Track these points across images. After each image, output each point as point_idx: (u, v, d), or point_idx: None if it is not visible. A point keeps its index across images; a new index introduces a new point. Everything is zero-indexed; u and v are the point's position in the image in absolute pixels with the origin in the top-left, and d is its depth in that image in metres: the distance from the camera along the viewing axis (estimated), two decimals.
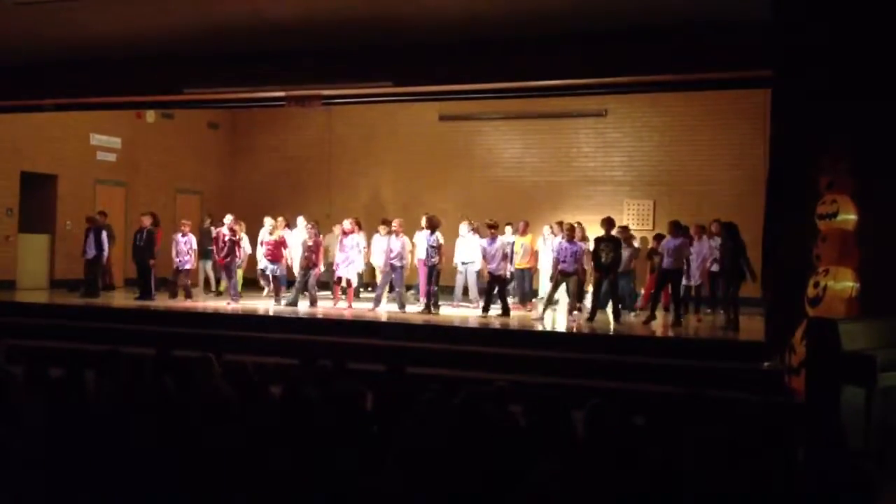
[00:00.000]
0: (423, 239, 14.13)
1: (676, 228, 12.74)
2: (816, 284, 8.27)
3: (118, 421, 5.25)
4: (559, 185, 17.67)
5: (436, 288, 13.57)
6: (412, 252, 14.85)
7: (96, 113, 16.69)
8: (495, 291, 13.41)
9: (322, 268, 14.70)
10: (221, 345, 9.21)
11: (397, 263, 13.63)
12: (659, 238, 14.02)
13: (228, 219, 14.58)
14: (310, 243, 14.21)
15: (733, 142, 16.34)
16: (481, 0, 10.90)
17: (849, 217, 8.32)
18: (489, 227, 13.73)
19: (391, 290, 14.10)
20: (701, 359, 10.14)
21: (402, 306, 13.58)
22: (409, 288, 15.80)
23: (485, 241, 13.69)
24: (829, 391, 7.04)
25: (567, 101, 16.09)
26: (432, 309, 13.41)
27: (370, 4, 11.22)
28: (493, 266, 13.30)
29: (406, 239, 14.05)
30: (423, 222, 14.22)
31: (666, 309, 13.69)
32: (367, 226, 15.59)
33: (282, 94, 13.25)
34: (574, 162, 17.85)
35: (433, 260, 13.55)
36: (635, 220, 16.95)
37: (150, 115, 18.35)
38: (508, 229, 14.98)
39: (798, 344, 7.90)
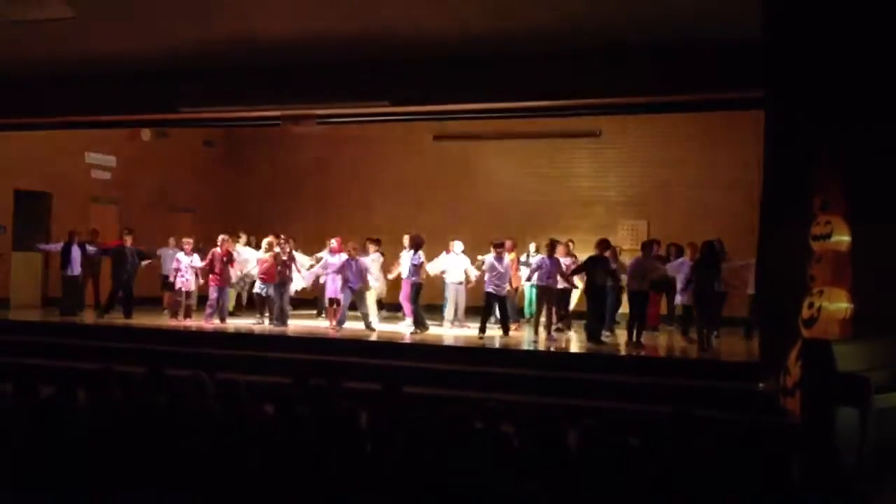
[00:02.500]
0: (406, 258, 14.04)
1: (644, 248, 12.66)
2: (811, 305, 8.27)
3: (110, 440, 5.21)
4: (553, 205, 17.66)
5: (414, 306, 13.42)
6: (391, 271, 14.85)
7: (91, 131, 16.65)
8: (494, 311, 13.26)
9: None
10: (214, 363, 9.19)
11: (353, 285, 13.46)
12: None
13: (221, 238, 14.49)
14: (284, 258, 14.00)
15: (727, 162, 16.36)
16: (476, 20, 10.97)
17: (843, 238, 8.34)
18: (495, 245, 13.39)
19: (353, 308, 13.81)
20: (695, 379, 10.14)
21: (367, 326, 13.47)
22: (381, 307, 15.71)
23: (489, 258, 13.39)
24: (824, 412, 7.04)
25: (561, 122, 16.12)
26: (420, 328, 13.29)
27: (365, 25, 11.29)
28: (498, 285, 13.08)
29: (364, 260, 13.85)
30: (406, 241, 14.16)
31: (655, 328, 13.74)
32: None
33: (277, 113, 13.28)
34: (568, 182, 17.87)
35: (414, 278, 13.45)
36: (630, 240, 16.95)
37: (146, 134, 18.34)
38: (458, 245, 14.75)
39: (793, 365, 7.89)
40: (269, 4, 11.37)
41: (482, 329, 12.97)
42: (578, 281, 13.75)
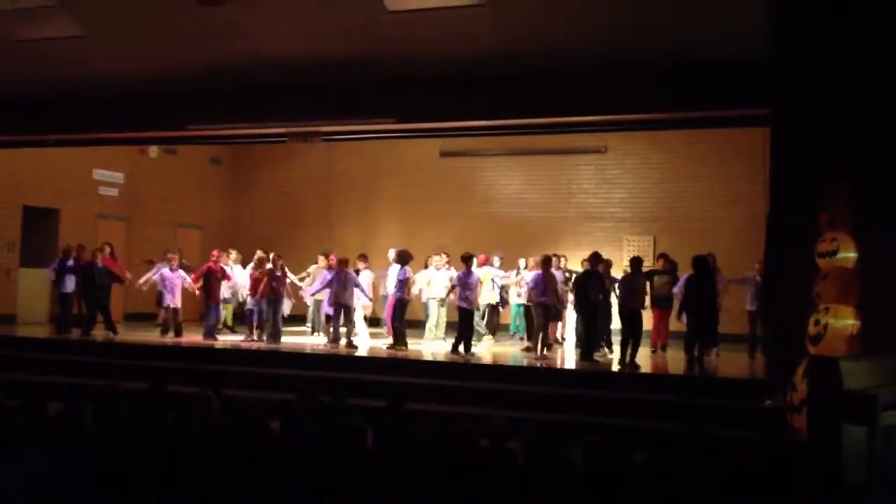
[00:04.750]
0: (392, 273, 13.88)
1: (632, 264, 12.36)
2: (817, 322, 8.24)
3: (118, 456, 5.22)
4: (559, 221, 17.70)
5: (397, 323, 13.22)
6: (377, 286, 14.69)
7: (99, 148, 16.76)
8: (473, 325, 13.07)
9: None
10: (218, 380, 9.18)
11: (342, 300, 13.31)
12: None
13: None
14: (277, 273, 13.86)
15: (733, 178, 16.39)
16: (482, 38, 11.03)
17: (849, 255, 8.31)
18: (464, 259, 13.12)
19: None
20: (701, 396, 10.10)
21: (348, 343, 13.20)
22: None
23: (459, 273, 13.14)
24: (831, 430, 7.00)
25: (567, 138, 16.18)
26: (399, 345, 13.08)
27: (370, 43, 11.35)
28: (468, 299, 12.83)
29: (352, 274, 13.64)
30: (392, 256, 14.03)
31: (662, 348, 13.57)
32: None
33: (283, 130, 13.33)
34: (574, 198, 17.91)
35: (399, 294, 13.29)
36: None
37: (153, 151, 18.43)
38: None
39: (799, 382, 7.85)
40: (276, 24, 11.46)
41: (458, 346, 12.56)
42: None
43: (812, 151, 8.95)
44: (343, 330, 13.41)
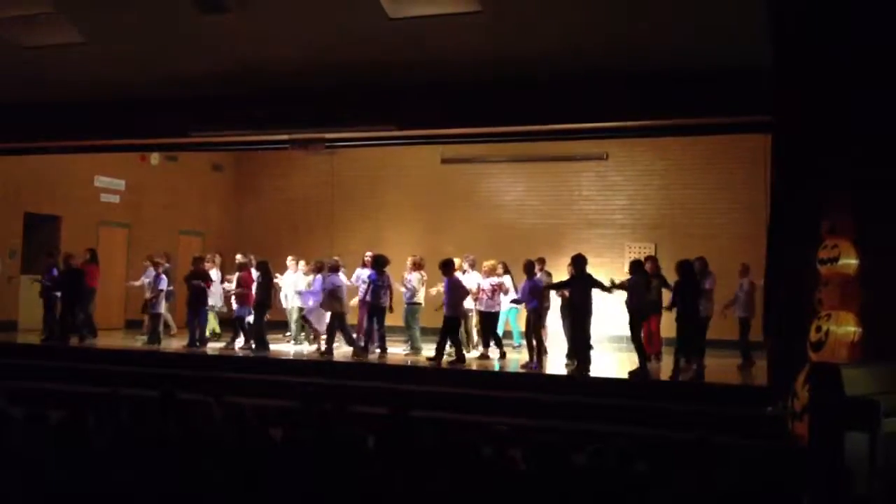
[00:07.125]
0: (364, 276, 13.74)
1: (633, 267, 12.23)
2: (819, 329, 8.24)
3: (119, 463, 5.22)
4: (560, 228, 17.69)
5: (379, 329, 13.05)
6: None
7: (101, 155, 16.73)
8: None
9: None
10: (221, 387, 9.20)
11: (342, 309, 13.20)
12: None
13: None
14: (261, 280, 13.60)
15: (734, 185, 16.40)
16: (481, 45, 11.06)
17: (850, 262, 8.31)
18: (442, 265, 12.84)
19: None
20: (704, 403, 10.09)
21: (355, 352, 13.11)
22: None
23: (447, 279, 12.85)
24: (833, 437, 7.00)
25: (568, 145, 16.17)
26: (369, 352, 12.96)
27: (372, 50, 11.38)
28: (453, 306, 12.56)
29: (336, 279, 13.41)
30: (367, 259, 13.87)
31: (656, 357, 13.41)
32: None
33: (285, 137, 13.35)
34: (575, 205, 17.92)
35: (381, 300, 13.15)
36: None
37: (155, 158, 18.41)
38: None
39: (801, 389, 7.86)
40: (277, 31, 11.49)
41: (440, 356, 12.32)
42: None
43: (813, 158, 8.95)
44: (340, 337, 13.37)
